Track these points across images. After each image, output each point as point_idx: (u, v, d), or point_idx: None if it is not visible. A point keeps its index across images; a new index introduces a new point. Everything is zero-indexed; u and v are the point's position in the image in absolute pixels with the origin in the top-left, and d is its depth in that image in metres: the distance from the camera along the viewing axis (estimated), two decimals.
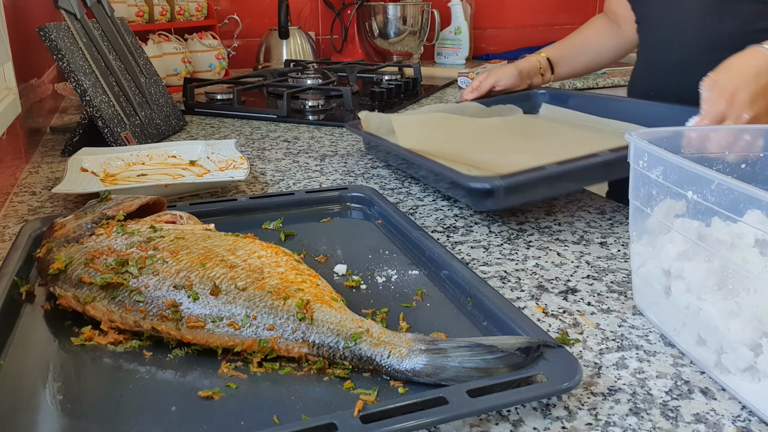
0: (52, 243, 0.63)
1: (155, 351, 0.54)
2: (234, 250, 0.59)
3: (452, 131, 1.08)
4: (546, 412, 0.47)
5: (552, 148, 0.88)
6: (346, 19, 2.26)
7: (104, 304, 0.56)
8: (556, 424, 0.46)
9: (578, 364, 0.48)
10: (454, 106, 1.18)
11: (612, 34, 1.28)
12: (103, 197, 0.71)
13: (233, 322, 0.52)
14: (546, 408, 0.48)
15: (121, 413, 0.46)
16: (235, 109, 1.50)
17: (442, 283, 0.64)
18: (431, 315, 0.59)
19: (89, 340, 0.55)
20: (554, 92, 1.26)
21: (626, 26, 1.25)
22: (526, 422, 0.46)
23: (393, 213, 0.79)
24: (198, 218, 0.71)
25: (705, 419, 0.46)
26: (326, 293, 0.56)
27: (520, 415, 0.47)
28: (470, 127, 1.10)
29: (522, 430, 0.45)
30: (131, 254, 0.59)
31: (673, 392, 0.49)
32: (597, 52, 1.31)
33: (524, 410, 0.47)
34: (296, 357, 0.51)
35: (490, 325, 0.56)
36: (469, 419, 0.46)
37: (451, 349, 0.49)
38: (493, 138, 1.06)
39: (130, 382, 0.50)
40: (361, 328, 0.51)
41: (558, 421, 0.46)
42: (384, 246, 0.74)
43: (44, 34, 1.08)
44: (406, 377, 0.49)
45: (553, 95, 1.24)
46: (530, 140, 1.04)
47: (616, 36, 1.28)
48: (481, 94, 1.25)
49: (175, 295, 0.54)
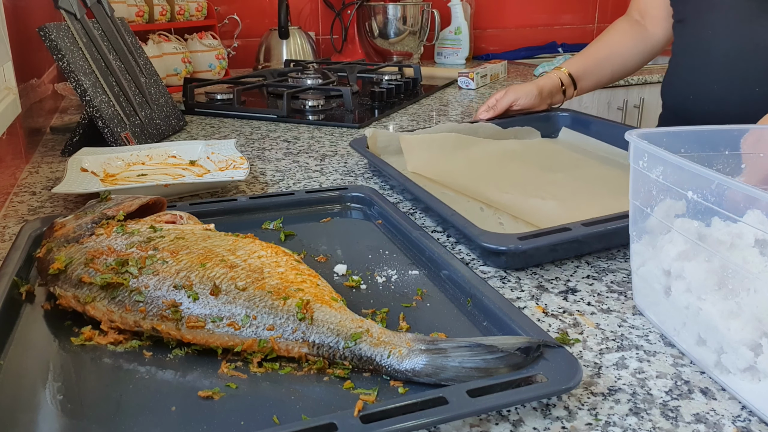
0: (52, 243, 0.63)
1: (155, 351, 0.54)
2: (234, 250, 0.59)
3: (465, 154, 1.01)
4: (546, 412, 0.47)
5: (574, 188, 0.80)
6: (346, 19, 2.26)
7: (104, 304, 0.56)
8: (556, 424, 0.46)
9: (578, 364, 0.48)
10: (468, 126, 1.11)
11: (639, 38, 1.22)
12: (103, 197, 0.71)
13: (233, 322, 0.52)
14: (546, 408, 0.48)
15: (121, 413, 0.46)
16: (235, 109, 1.50)
17: (442, 283, 0.64)
18: (431, 315, 0.59)
19: (89, 340, 0.55)
20: (576, 116, 1.17)
21: (655, 27, 1.20)
22: (526, 422, 0.46)
23: (393, 213, 0.79)
24: (198, 218, 0.71)
25: (705, 419, 0.46)
26: (326, 293, 0.56)
27: (520, 415, 0.47)
28: (485, 152, 1.04)
29: (522, 430, 0.45)
30: (131, 254, 0.59)
31: (673, 392, 0.49)
32: (623, 61, 1.24)
33: (524, 410, 0.47)
34: (296, 357, 0.52)
35: (490, 325, 0.56)
36: (469, 419, 0.46)
37: (451, 349, 0.49)
38: (510, 167, 0.98)
39: (130, 382, 0.50)
40: (361, 328, 0.51)
41: (558, 421, 0.46)
42: (384, 246, 0.74)
43: (44, 34, 1.08)
44: (406, 377, 0.49)
45: (575, 119, 1.16)
46: (550, 173, 0.95)
47: (644, 40, 1.22)
48: (497, 114, 1.17)
49: (175, 295, 0.54)
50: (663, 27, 1.19)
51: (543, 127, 1.15)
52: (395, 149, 1.01)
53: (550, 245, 0.68)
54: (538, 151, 1.07)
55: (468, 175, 0.93)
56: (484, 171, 0.96)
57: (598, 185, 0.88)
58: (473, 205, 0.82)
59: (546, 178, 0.93)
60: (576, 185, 0.81)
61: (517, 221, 0.78)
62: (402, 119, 1.46)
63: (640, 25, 1.24)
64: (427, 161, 0.96)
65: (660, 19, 1.19)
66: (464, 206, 0.79)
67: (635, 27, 1.24)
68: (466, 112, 1.54)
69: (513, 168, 0.98)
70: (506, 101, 1.17)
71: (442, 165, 0.96)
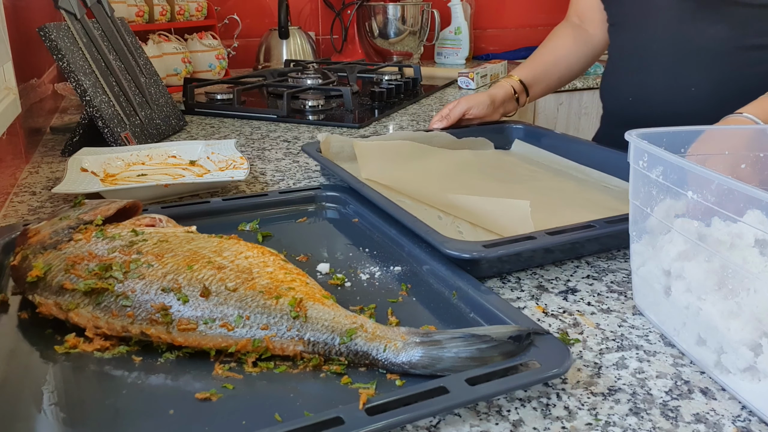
0: (27, 250, 0.61)
1: (144, 356, 0.53)
2: (220, 252, 0.59)
3: (420, 164, 1.00)
4: (546, 412, 0.47)
5: (531, 199, 0.77)
6: (346, 19, 2.26)
7: (89, 311, 0.54)
8: (556, 424, 0.46)
9: (567, 349, 0.49)
10: (423, 134, 1.09)
11: (581, 41, 1.23)
12: (76, 202, 0.69)
13: (226, 323, 0.52)
14: (546, 408, 0.48)
15: (120, 419, 0.45)
16: (235, 109, 1.50)
17: (425, 278, 0.66)
18: (419, 309, 0.60)
19: (74, 347, 0.53)
20: (529, 129, 1.16)
21: (595, 29, 1.21)
22: (526, 422, 0.46)
23: (369, 211, 0.79)
24: None
25: (705, 419, 0.46)
26: (317, 291, 0.56)
27: (520, 415, 0.47)
28: (440, 161, 1.02)
29: (522, 430, 0.45)
30: (114, 259, 0.57)
31: (673, 392, 0.49)
32: (568, 66, 1.25)
33: (524, 410, 0.47)
34: (291, 355, 0.52)
35: (477, 316, 0.58)
36: (470, 419, 0.46)
37: (446, 340, 0.50)
38: (466, 177, 0.97)
39: (123, 387, 0.49)
40: (356, 324, 0.52)
41: (558, 421, 0.46)
42: (363, 244, 0.74)
43: (44, 34, 1.08)
44: (402, 370, 0.49)
45: (528, 132, 1.15)
46: (507, 184, 0.95)
47: (585, 44, 1.23)
48: (450, 123, 1.15)
49: (164, 298, 0.54)
50: (602, 29, 1.19)
51: (496, 138, 1.15)
52: (348, 155, 1.00)
53: (516, 254, 0.66)
54: (492, 162, 1.07)
55: (424, 184, 0.91)
56: (440, 180, 0.94)
57: (554, 196, 0.89)
58: (431, 213, 0.81)
59: (503, 189, 0.92)
60: (533, 197, 0.80)
61: (476, 229, 0.77)
62: (402, 119, 1.46)
63: (581, 29, 1.24)
64: (381, 168, 0.94)
65: (598, 22, 1.19)
66: (422, 214, 0.76)
67: (576, 30, 1.25)
68: None
69: (470, 178, 0.97)
70: (459, 111, 1.16)
71: (397, 173, 0.94)
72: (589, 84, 2.13)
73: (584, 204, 0.86)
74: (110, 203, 0.68)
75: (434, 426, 0.45)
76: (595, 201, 0.87)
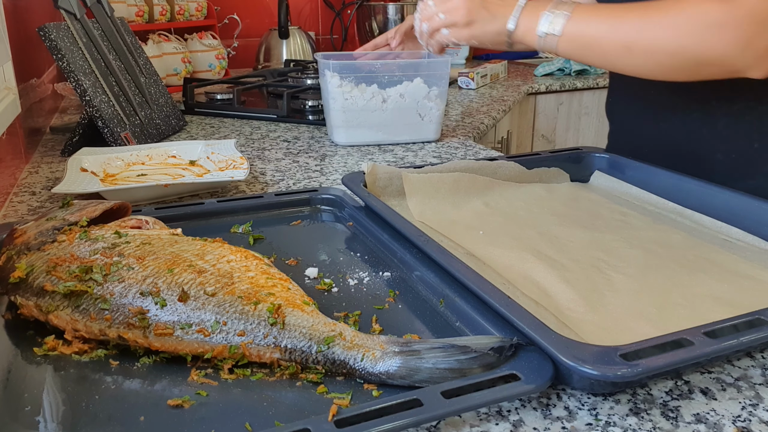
0: (12, 251, 0.61)
1: (122, 360, 0.52)
2: (202, 255, 0.58)
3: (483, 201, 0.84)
4: (546, 412, 0.47)
5: (634, 256, 0.65)
6: (346, 19, 2.26)
7: (68, 313, 0.54)
8: (556, 424, 0.46)
9: (550, 362, 0.48)
10: (486, 164, 0.91)
11: None
12: (64, 203, 0.69)
13: (203, 328, 0.51)
14: (546, 408, 0.47)
15: (87, 424, 0.45)
16: (235, 109, 1.50)
17: (414, 285, 0.64)
18: (404, 317, 0.59)
19: (53, 350, 0.53)
20: (614, 159, 0.96)
21: None
22: (526, 422, 0.46)
23: (364, 215, 0.78)
24: (165, 223, 0.70)
25: (705, 419, 0.46)
26: (298, 297, 0.55)
27: (520, 415, 0.47)
28: (506, 199, 0.86)
29: (522, 430, 0.45)
30: (95, 261, 0.57)
31: (673, 392, 0.49)
32: None
33: (524, 410, 0.47)
34: (268, 362, 0.51)
35: (463, 325, 0.57)
36: (470, 420, 0.46)
37: (425, 350, 0.49)
38: (541, 221, 0.79)
39: (97, 392, 0.48)
40: (334, 332, 0.51)
41: (558, 421, 0.46)
42: (355, 248, 0.73)
43: (44, 34, 1.08)
44: (380, 380, 0.49)
45: (612, 162, 0.95)
46: (593, 233, 0.75)
47: None
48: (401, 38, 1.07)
49: (142, 302, 0.53)
50: None
51: (572, 169, 0.98)
52: (397, 188, 0.85)
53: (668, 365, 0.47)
54: (570, 201, 0.88)
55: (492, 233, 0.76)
56: (506, 225, 0.78)
57: (661, 254, 0.69)
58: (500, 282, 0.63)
59: (588, 240, 0.73)
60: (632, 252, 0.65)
61: None
62: None
63: None
64: (435, 209, 0.81)
65: None
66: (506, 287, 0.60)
67: None
68: (467, 112, 1.54)
69: (545, 223, 0.79)
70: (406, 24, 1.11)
71: (456, 215, 0.81)
72: (589, 84, 2.13)
73: (707, 269, 0.66)
74: (97, 204, 0.67)
75: (434, 426, 0.45)
76: (721, 264, 0.67)
